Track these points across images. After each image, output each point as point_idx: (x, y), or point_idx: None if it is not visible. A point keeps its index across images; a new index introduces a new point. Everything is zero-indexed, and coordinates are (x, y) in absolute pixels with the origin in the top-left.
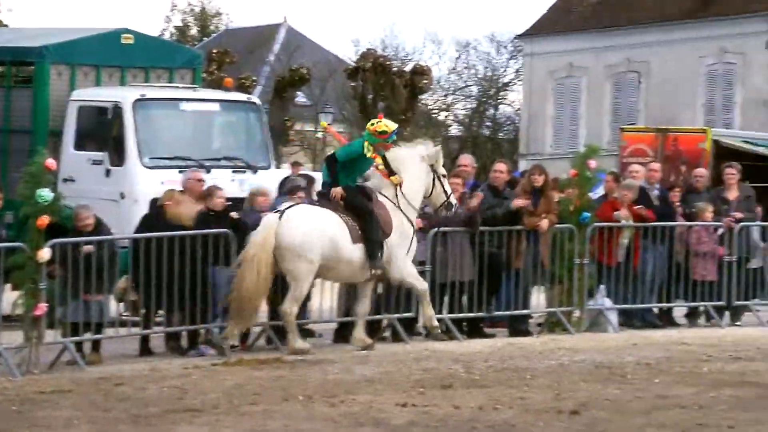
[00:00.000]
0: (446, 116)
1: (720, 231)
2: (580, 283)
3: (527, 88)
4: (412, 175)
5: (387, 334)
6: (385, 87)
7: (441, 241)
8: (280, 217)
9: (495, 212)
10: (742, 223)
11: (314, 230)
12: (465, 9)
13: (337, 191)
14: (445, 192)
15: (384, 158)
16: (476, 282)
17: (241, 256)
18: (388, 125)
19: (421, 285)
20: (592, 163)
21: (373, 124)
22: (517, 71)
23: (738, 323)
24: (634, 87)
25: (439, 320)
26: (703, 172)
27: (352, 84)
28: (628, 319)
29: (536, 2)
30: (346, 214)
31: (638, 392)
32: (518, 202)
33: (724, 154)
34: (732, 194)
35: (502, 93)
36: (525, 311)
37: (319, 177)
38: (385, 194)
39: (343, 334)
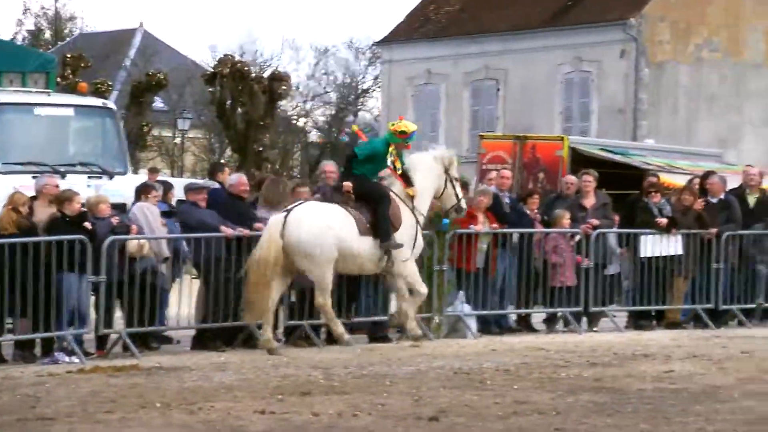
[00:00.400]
0: (305, 122)
1: (577, 238)
2: (439, 290)
3: (386, 94)
4: (422, 175)
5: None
6: (244, 93)
7: None
8: (285, 217)
9: None
10: (598, 230)
11: (318, 225)
12: (323, 15)
13: (347, 185)
14: (456, 195)
15: (403, 169)
16: (336, 288)
17: (249, 258)
18: (408, 126)
19: (422, 289)
20: None
21: (393, 125)
22: (375, 78)
23: (595, 329)
24: (492, 94)
25: (297, 327)
26: (573, 179)
27: (210, 90)
28: (487, 326)
29: (394, 9)
30: (355, 208)
31: (497, 398)
32: None
33: (580, 161)
34: (588, 201)
35: (361, 99)
36: (385, 317)
37: (176, 182)
38: (397, 193)
39: (200, 340)
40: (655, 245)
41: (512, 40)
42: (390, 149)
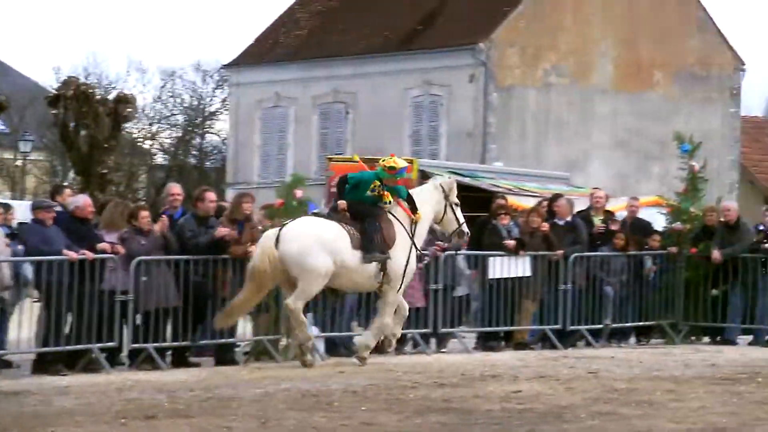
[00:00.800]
0: (151, 145)
1: (426, 260)
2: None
3: (234, 117)
4: (422, 200)
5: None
6: (88, 115)
7: (144, 269)
8: (279, 230)
9: (198, 241)
10: (447, 252)
11: (310, 237)
12: (170, 38)
13: (342, 203)
14: (457, 220)
15: (408, 195)
16: (181, 311)
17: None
18: (397, 162)
19: (405, 311)
20: (298, 193)
21: (384, 160)
22: (223, 101)
23: (444, 350)
24: (341, 118)
25: (141, 350)
26: None
27: (53, 112)
28: (335, 347)
29: (243, 33)
30: (350, 225)
31: (344, 420)
32: (221, 231)
33: None
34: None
35: (208, 122)
36: (231, 340)
37: (17, 204)
38: (396, 216)
39: (41, 364)
40: (503, 267)
41: (362, 64)
42: (373, 185)
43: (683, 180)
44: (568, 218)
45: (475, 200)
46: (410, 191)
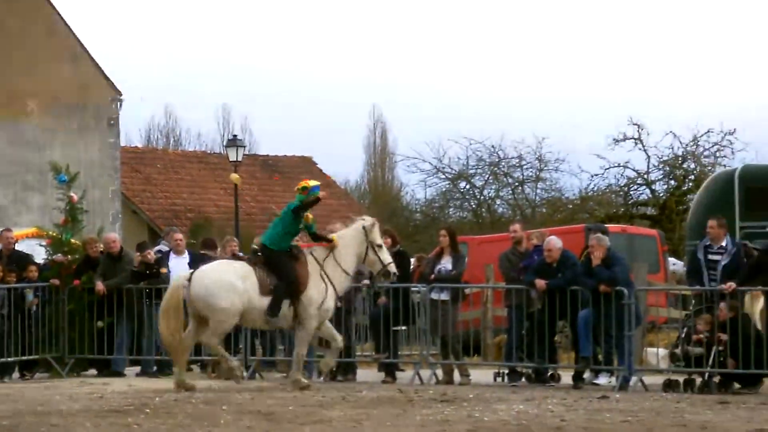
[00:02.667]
0: None
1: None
2: None
3: None
4: (343, 240)
5: None
6: None
7: None
8: (192, 273)
9: None
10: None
11: (219, 281)
12: None
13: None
14: (381, 261)
15: (314, 230)
16: None
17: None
18: (309, 182)
19: (338, 343)
20: None
21: (298, 187)
22: None
23: None
24: None
25: None
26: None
27: None
28: None
29: None
30: (262, 269)
31: None
32: None
33: None
34: None
35: None
36: None
37: None
38: (314, 255)
39: None
40: None
41: None
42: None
43: (62, 211)
44: None
45: None
46: (336, 234)
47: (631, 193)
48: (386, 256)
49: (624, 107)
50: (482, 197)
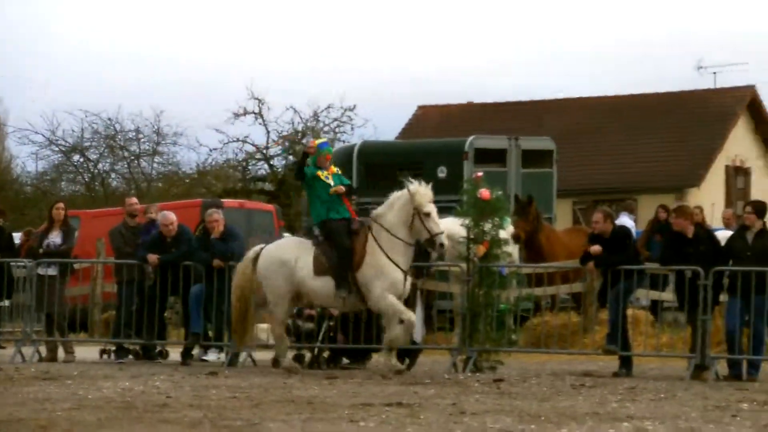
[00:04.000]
0: None
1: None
2: None
3: None
4: (392, 208)
5: None
6: None
7: None
8: (262, 249)
9: None
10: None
11: (274, 262)
12: None
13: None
14: (427, 230)
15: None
16: None
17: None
18: (315, 141)
19: (407, 315)
20: None
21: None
22: None
23: None
24: None
25: None
26: None
27: None
28: None
29: None
30: (320, 247)
31: None
32: None
33: None
34: None
35: None
36: None
37: None
38: (372, 231)
39: None
40: None
41: None
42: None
43: None
44: None
45: None
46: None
47: (250, 168)
48: (435, 226)
49: (243, 81)
50: (96, 171)
